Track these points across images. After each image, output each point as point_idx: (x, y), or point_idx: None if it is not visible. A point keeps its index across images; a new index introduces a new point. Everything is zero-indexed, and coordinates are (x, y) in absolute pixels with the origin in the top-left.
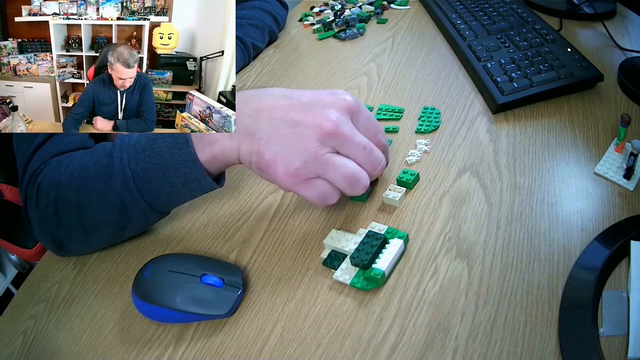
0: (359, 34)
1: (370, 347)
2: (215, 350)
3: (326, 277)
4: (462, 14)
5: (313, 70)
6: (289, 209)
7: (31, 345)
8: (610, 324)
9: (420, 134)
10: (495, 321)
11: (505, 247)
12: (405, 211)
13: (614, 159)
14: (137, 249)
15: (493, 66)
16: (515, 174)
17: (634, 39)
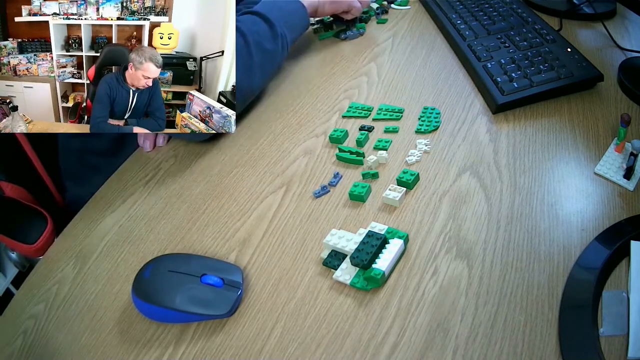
0: (359, 34)
1: (370, 347)
2: (215, 350)
3: (326, 277)
4: (462, 14)
5: (313, 70)
6: (289, 209)
7: (31, 345)
8: (610, 324)
9: (420, 134)
10: (495, 321)
11: (505, 247)
12: (405, 211)
13: (614, 159)
14: (137, 249)
15: (493, 66)
16: (515, 174)
17: (634, 39)
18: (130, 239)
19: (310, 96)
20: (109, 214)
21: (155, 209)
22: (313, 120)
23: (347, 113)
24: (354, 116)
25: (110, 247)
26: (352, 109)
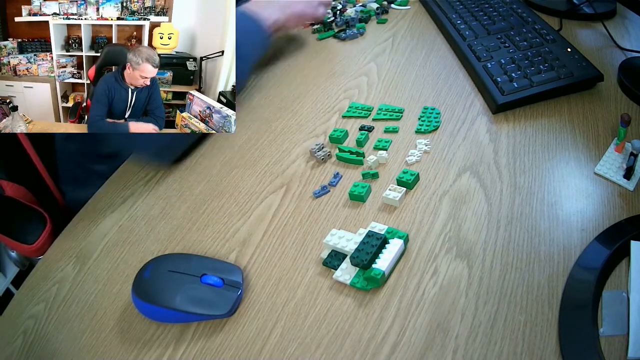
0: (359, 34)
1: (370, 347)
2: (215, 350)
3: (326, 277)
4: (462, 14)
5: (313, 70)
6: (289, 209)
7: (31, 345)
8: (610, 324)
9: (420, 134)
10: (495, 321)
11: (505, 247)
12: (405, 211)
13: (614, 159)
14: (137, 249)
15: (493, 66)
16: (515, 174)
17: (634, 39)
18: (130, 239)
19: (310, 96)
20: (109, 214)
21: (155, 209)
22: (313, 120)
23: (347, 113)
24: (354, 116)
25: (110, 247)
26: (352, 109)
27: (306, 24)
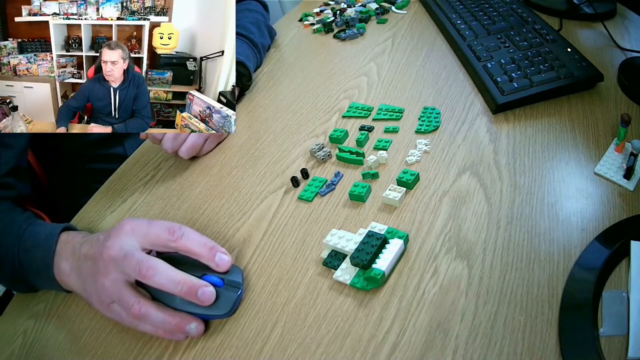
0: (359, 34)
1: (370, 347)
2: (215, 350)
3: (326, 277)
4: (462, 14)
5: (313, 70)
6: (289, 209)
7: (31, 345)
8: (610, 324)
9: (420, 134)
10: (495, 321)
11: (505, 247)
12: (405, 211)
13: (614, 159)
14: None
15: (493, 66)
16: (515, 174)
17: (634, 39)
18: None
19: (310, 96)
20: (109, 214)
21: (155, 209)
22: (313, 120)
23: (347, 113)
24: (354, 116)
25: None
26: (352, 109)
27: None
